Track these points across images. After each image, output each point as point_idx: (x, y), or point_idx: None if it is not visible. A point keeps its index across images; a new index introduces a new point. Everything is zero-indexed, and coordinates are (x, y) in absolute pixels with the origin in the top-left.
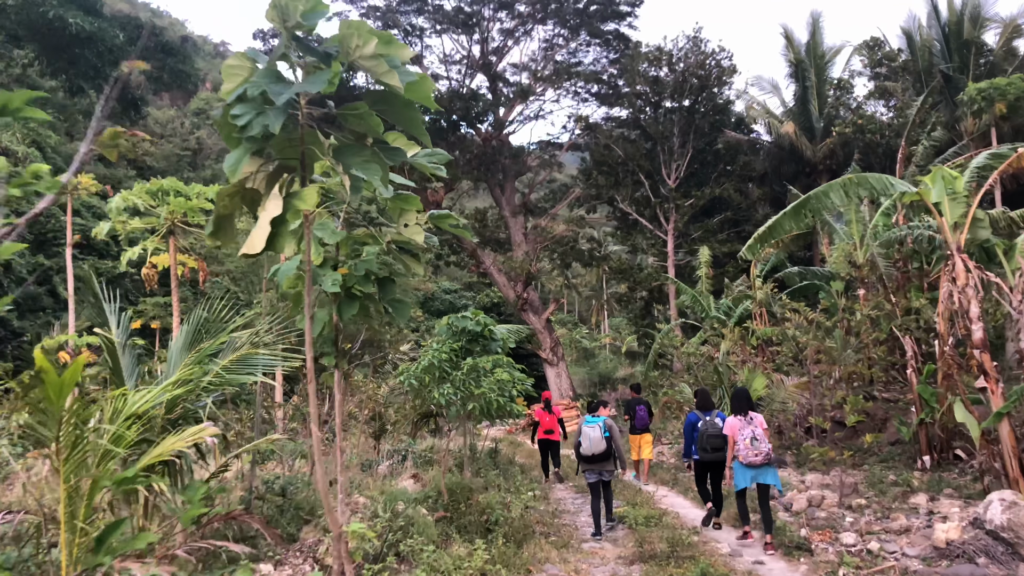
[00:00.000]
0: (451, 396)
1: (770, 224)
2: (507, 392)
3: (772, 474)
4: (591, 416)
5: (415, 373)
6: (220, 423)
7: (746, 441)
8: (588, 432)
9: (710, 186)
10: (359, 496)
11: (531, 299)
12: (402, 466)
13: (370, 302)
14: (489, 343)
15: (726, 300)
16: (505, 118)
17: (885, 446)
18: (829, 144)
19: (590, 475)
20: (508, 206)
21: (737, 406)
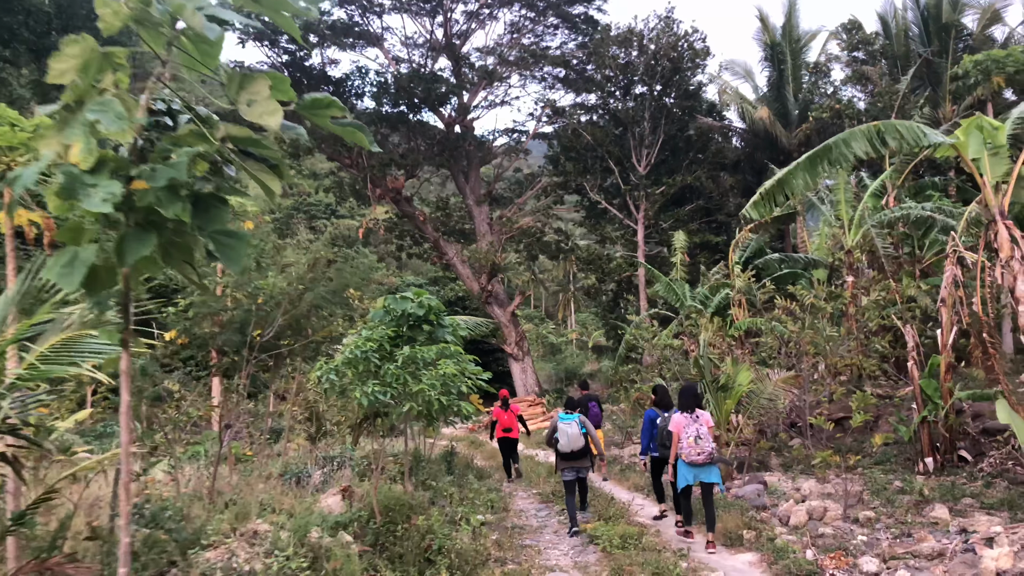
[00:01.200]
0: (378, 395)
1: (779, 177)
2: (454, 389)
3: (715, 473)
4: (565, 413)
5: (333, 367)
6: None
7: (690, 440)
8: (565, 429)
9: (681, 174)
10: (259, 522)
11: (496, 292)
12: (336, 476)
13: (179, 236)
14: (436, 330)
15: (702, 289)
16: (469, 103)
17: (879, 447)
18: (805, 130)
19: (568, 473)
20: (472, 195)
21: (684, 403)
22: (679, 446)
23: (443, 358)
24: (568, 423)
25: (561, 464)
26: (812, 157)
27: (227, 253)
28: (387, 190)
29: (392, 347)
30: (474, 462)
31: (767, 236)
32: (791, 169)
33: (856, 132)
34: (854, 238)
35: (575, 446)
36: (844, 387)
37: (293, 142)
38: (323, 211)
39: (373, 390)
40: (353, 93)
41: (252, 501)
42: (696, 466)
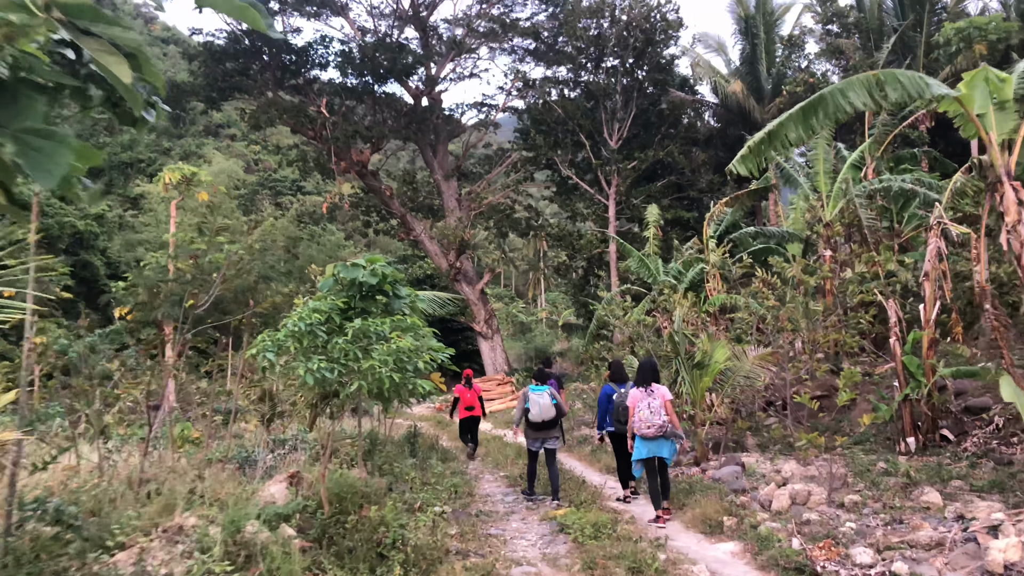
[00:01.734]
0: (324, 373)
1: (770, 129)
2: (409, 365)
3: (667, 446)
4: (536, 384)
5: (274, 342)
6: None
7: (641, 413)
8: (536, 399)
9: (653, 149)
10: (187, 516)
11: (465, 269)
12: (288, 461)
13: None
14: (392, 301)
15: (676, 264)
16: (437, 75)
17: (856, 425)
18: (779, 104)
19: (535, 443)
20: (441, 170)
21: (642, 377)
22: (632, 420)
23: (398, 331)
24: (539, 394)
25: (530, 434)
26: (805, 108)
27: (35, 161)
28: (352, 163)
29: (343, 320)
30: (439, 443)
31: (742, 210)
32: (782, 120)
33: (854, 82)
34: (833, 210)
35: (546, 416)
36: (822, 365)
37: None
38: (289, 187)
39: (319, 367)
40: (317, 63)
41: (182, 491)
42: (648, 439)
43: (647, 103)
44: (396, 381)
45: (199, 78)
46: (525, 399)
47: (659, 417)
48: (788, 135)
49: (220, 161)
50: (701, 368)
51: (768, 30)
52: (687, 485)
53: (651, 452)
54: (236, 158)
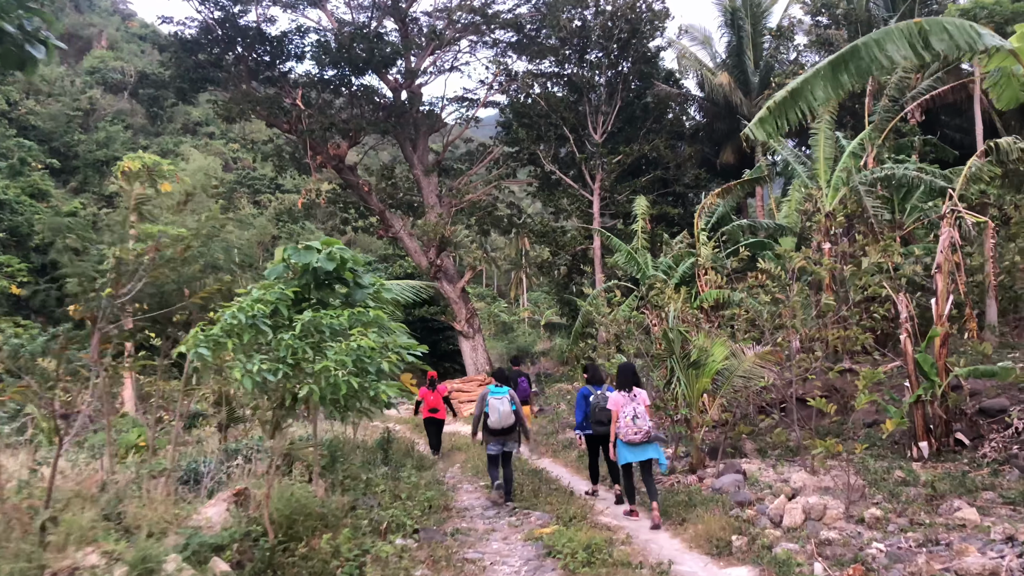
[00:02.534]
0: (266, 375)
1: (794, 87)
2: (371, 366)
3: (654, 449)
4: (496, 387)
5: (206, 338)
6: None
7: (627, 419)
8: (496, 405)
9: (639, 143)
10: (89, 551)
11: (445, 267)
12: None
13: None
14: (354, 291)
15: (665, 258)
16: (417, 67)
17: (859, 429)
18: (767, 96)
19: (493, 447)
20: (420, 165)
21: (623, 381)
22: (617, 425)
23: (359, 327)
24: (500, 398)
25: (488, 439)
26: (835, 62)
27: None
28: (329, 158)
29: (293, 312)
30: (416, 448)
31: (735, 202)
32: (808, 77)
33: (892, 31)
34: (833, 200)
35: (506, 423)
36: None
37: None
38: (267, 185)
39: (259, 368)
40: (292, 55)
41: (90, 517)
42: (634, 445)
43: (632, 96)
44: (355, 386)
45: (170, 69)
46: (483, 403)
47: (645, 422)
48: (814, 93)
49: (198, 158)
50: (697, 368)
51: (755, 22)
52: (686, 496)
53: (636, 457)
54: (215, 156)
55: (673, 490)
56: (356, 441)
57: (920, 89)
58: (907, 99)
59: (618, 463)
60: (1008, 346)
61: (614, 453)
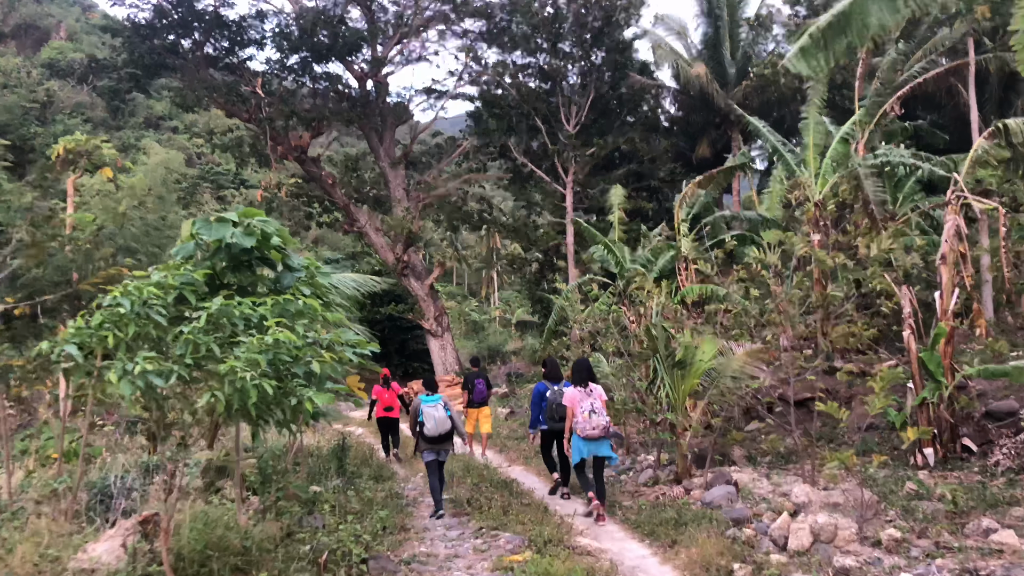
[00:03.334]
0: (151, 379)
1: (841, 10)
2: (296, 368)
3: (607, 447)
4: (427, 395)
5: (83, 332)
6: None
7: (584, 414)
8: (431, 412)
9: (613, 135)
10: None
11: (413, 263)
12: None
13: None
14: (282, 276)
15: (644, 252)
16: (384, 56)
17: (854, 432)
18: (745, 87)
19: (429, 454)
20: (387, 157)
21: (578, 377)
22: (574, 420)
23: (284, 319)
24: (433, 406)
25: (424, 446)
26: None
27: None
28: (290, 148)
29: (202, 300)
30: (375, 455)
31: (716, 191)
32: None
33: None
34: (824, 189)
35: (442, 429)
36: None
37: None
38: (231, 181)
39: (141, 369)
40: (252, 41)
41: None
42: (591, 440)
43: (607, 87)
44: (268, 391)
45: (122, 54)
46: (418, 412)
47: (603, 418)
48: (867, 20)
49: (158, 152)
50: (683, 367)
51: (732, 11)
52: (674, 513)
53: (591, 452)
54: (178, 151)
55: (659, 504)
56: (309, 449)
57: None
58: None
59: (572, 459)
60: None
61: (568, 448)
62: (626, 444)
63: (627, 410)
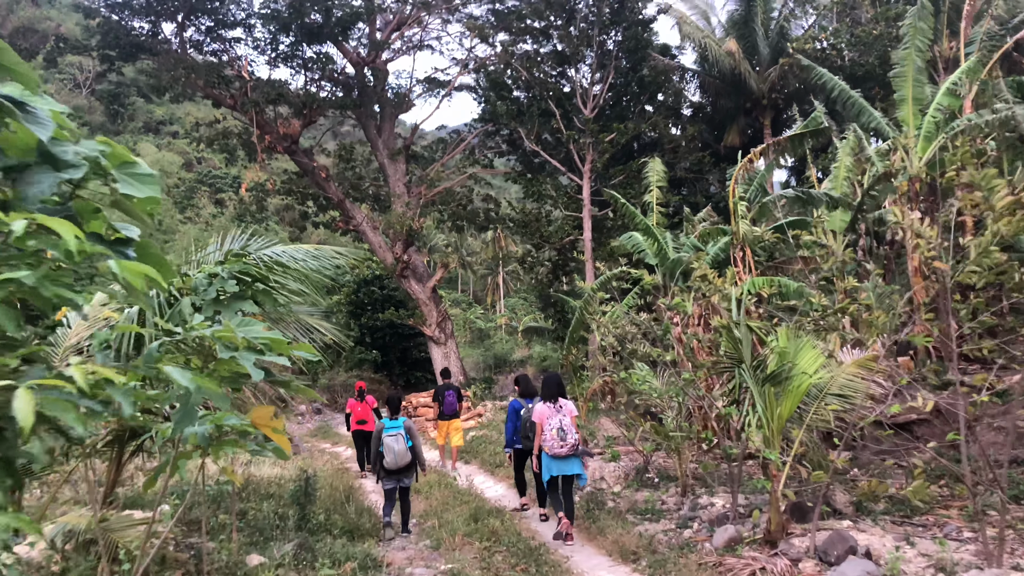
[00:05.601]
0: None
1: None
2: None
3: (578, 464)
4: (390, 420)
5: None
6: None
7: (552, 431)
8: (391, 444)
9: (634, 120)
10: None
11: (414, 263)
12: None
13: None
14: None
15: (691, 238)
16: (384, 41)
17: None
18: (781, 66)
19: (388, 483)
20: (386, 149)
21: (548, 392)
22: (542, 437)
23: None
24: (394, 435)
25: (383, 475)
26: None
27: None
28: (279, 138)
29: None
30: (356, 493)
31: (788, 162)
32: None
33: None
34: (927, 154)
35: (401, 462)
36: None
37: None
38: (229, 184)
39: None
40: (237, 21)
41: None
42: (559, 458)
43: (627, 66)
44: None
45: (95, 35)
46: (379, 441)
47: (571, 435)
48: None
49: (152, 153)
50: (777, 383)
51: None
52: None
53: (560, 470)
54: (178, 155)
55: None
56: (267, 486)
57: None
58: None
59: (542, 477)
60: None
61: (537, 465)
62: (681, 483)
63: (683, 438)
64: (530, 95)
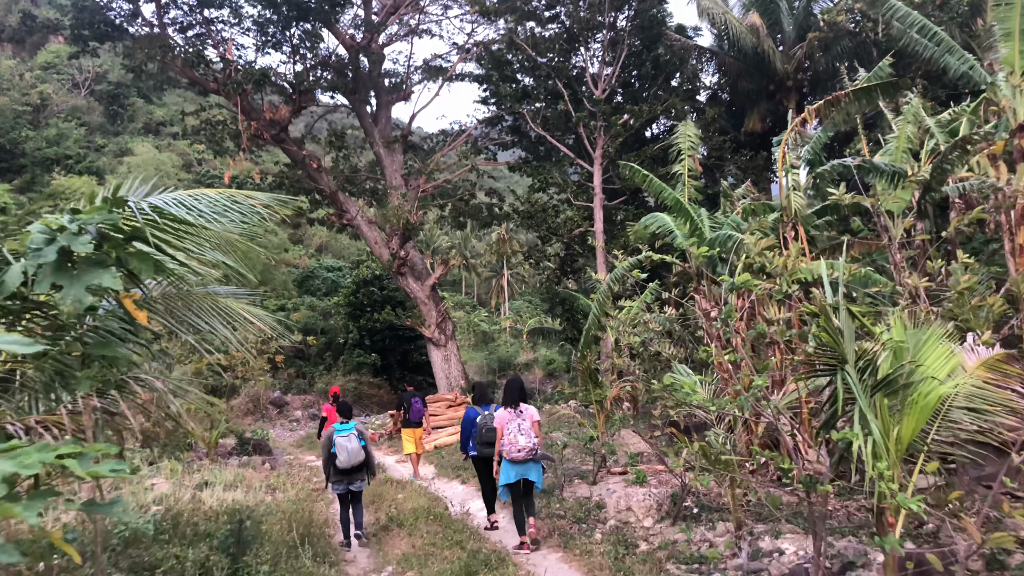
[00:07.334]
0: None
1: None
2: None
3: (536, 471)
4: (341, 423)
5: None
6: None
7: (511, 435)
8: (344, 444)
9: (649, 102)
10: None
11: (412, 260)
12: None
13: None
14: None
15: (732, 215)
16: (380, 23)
17: None
18: (810, 42)
19: (338, 487)
20: (382, 138)
21: (509, 397)
22: (501, 442)
23: None
24: (346, 436)
25: (335, 477)
26: None
27: None
28: (266, 124)
29: None
30: (319, 533)
31: (846, 123)
32: None
33: None
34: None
35: (355, 461)
36: None
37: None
38: (230, 185)
39: None
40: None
41: None
42: (517, 463)
43: (640, 46)
44: None
45: (68, 13)
46: (330, 443)
47: (529, 440)
48: None
49: (148, 150)
50: (894, 393)
51: None
52: None
53: (519, 475)
54: (178, 156)
55: None
56: (206, 523)
57: None
58: None
59: (500, 483)
60: None
61: (498, 474)
62: (735, 518)
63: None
64: (536, 76)
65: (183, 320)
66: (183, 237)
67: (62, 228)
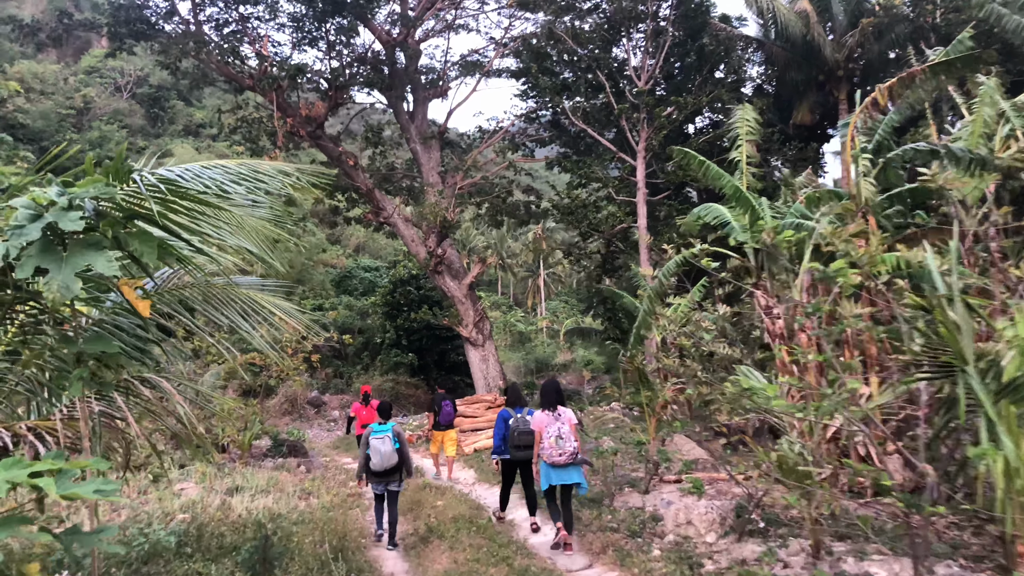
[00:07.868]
0: None
1: None
2: None
3: (577, 473)
4: (379, 425)
5: None
6: None
7: (551, 439)
8: (378, 446)
9: (694, 94)
10: None
11: (449, 258)
12: None
13: None
14: None
15: (796, 204)
16: (417, 17)
17: None
18: (863, 29)
19: (377, 487)
20: (419, 135)
21: (546, 400)
22: (540, 446)
23: None
24: (381, 438)
25: (372, 479)
26: None
27: None
28: (302, 121)
29: None
30: (353, 544)
31: (920, 104)
32: None
33: None
34: None
35: (387, 464)
36: None
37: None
38: None
39: None
40: None
41: None
42: (557, 467)
43: (685, 33)
44: None
45: (105, 13)
46: (366, 445)
47: (570, 443)
48: None
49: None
50: (1023, 399)
51: None
52: None
53: (560, 480)
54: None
55: None
56: (232, 534)
57: None
58: None
59: (541, 486)
60: None
61: (538, 478)
62: (813, 537)
63: (819, 474)
64: (576, 69)
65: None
66: (198, 219)
67: (52, 203)
